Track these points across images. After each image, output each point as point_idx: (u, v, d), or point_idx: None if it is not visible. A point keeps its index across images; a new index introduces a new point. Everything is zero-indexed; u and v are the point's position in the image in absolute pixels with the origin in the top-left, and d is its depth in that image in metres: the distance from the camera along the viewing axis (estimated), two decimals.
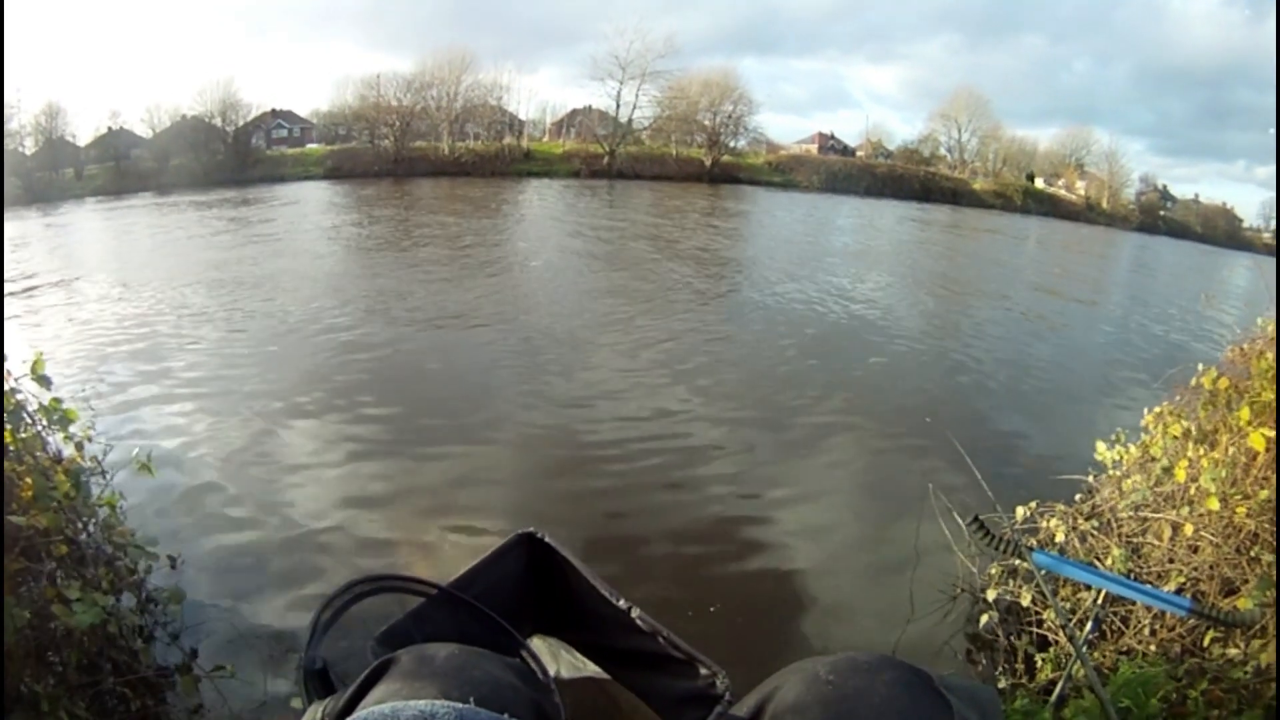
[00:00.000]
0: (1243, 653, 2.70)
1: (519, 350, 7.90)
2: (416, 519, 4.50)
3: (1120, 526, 3.51)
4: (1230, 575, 2.98)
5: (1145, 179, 39.75)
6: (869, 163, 39.39)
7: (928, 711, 0.83)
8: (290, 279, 11.13)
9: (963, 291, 14.21)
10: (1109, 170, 38.88)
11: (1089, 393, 8.24)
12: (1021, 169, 39.59)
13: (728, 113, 36.74)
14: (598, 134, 36.30)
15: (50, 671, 2.36)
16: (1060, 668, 2.93)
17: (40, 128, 27.64)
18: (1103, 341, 11.35)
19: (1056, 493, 4.07)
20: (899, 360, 8.76)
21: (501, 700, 0.82)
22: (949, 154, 40.42)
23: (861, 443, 6.11)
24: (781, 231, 21.59)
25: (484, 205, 22.54)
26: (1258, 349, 3.54)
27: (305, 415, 5.96)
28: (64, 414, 2.89)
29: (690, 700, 2.17)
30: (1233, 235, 37.41)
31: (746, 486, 5.20)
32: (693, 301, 10.87)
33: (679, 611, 3.59)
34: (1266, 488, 2.95)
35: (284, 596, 3.69)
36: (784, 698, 0.90)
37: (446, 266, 12.68)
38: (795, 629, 3.70)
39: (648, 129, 37.35)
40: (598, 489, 5.03)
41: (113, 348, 7.69)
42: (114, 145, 29.34)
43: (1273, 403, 3.04)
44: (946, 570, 3.98)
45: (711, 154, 36.22)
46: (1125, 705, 2.54)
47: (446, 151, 33.52)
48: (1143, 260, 26.17)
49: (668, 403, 6.62)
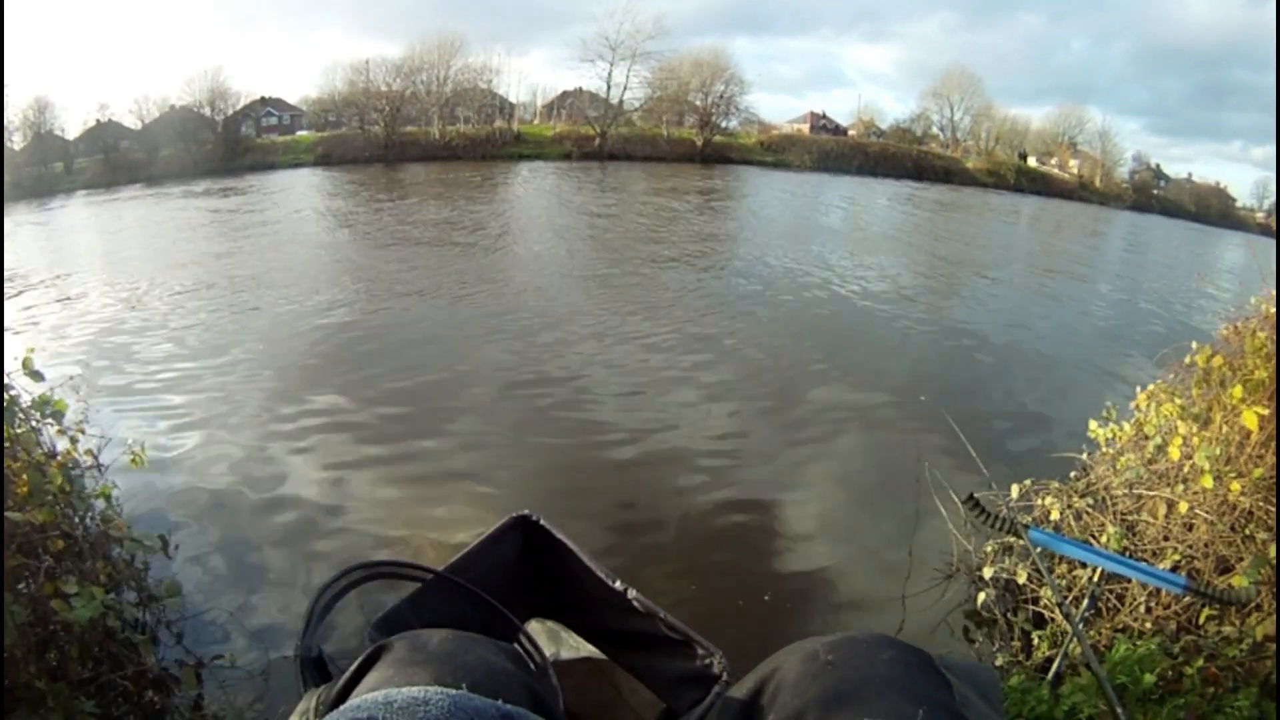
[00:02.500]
0: (1238, 630, 2.72)
1: (514, 338, 7.87)
2: (416, 507, 4.50)
3: (1115, 504, 3.53)
4: (1225, 553, 3.01)
5: (1138, 158, 39.76)
6: (861, 142, 39.25)
7: (927, 690, 0.83)
8: (281, 269, 11.07)
9: (955, 270, 14.20)
10: (1102, 149, 38.86)
11: (1083, 371, 8.26)
12: (1014, 147, 39.52)
13: (719, 93, 36.56)
14: (589, 116, 36.05)
15: (51, 668, 2.36)
16: (1057, 645, 2.95)
17: (29, 122, 27.40)
18: (1097, 319, 11.37)
19: (1051, 470, 4.10)
20: (893, 339, 8.77)
21: (495, 685, 0.82)
22: (941, 133, 40.36)
23: (857, 422, 6.11)
24: (773, 211, 21.51)
25: (475, 189, 22.42)
26: (1251, 327, 3.55)
27: (302, 407, 5.93)
28: (56, 408, 2.88)
29: (688, 681, 2.18)
30: (1226, 214, 37.49)
31: (741, 466, 5.21)
32: (686, 283, 10.83)
33: (675, 593, 3.61)
34: (1260, 465, 2.97)
35: (283, 586, 3.69)
36: (783, 678, 0.90)
37: (437, 252, 12.60)
38: (792, 609, 3.71)
39: (639, 110, 37.11)
40: (594, 472, 5.03)
41: (104, 342, 7.66)
42: (103, 138, 29.04)
43: (1265, 380, 3.05)
44: (943, 549, 4.01)
45: (703, 134, 35.99)
46: (1121, 682, 2.56)
47: (437, 136, 33.27)
48: (1136, 239, 26.17)
49: (663, 386, 6.62)
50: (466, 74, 34.73)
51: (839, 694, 0.84)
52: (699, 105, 36.55)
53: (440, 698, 0.71)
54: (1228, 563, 2.99)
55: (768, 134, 38.28)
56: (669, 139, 35.78)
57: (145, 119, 30.21)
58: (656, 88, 36.85)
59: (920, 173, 36.45)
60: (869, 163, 36.56)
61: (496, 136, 34.02)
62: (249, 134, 32.62)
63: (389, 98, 33.14)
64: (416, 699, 0.71)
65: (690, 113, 36.86)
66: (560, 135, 35.30)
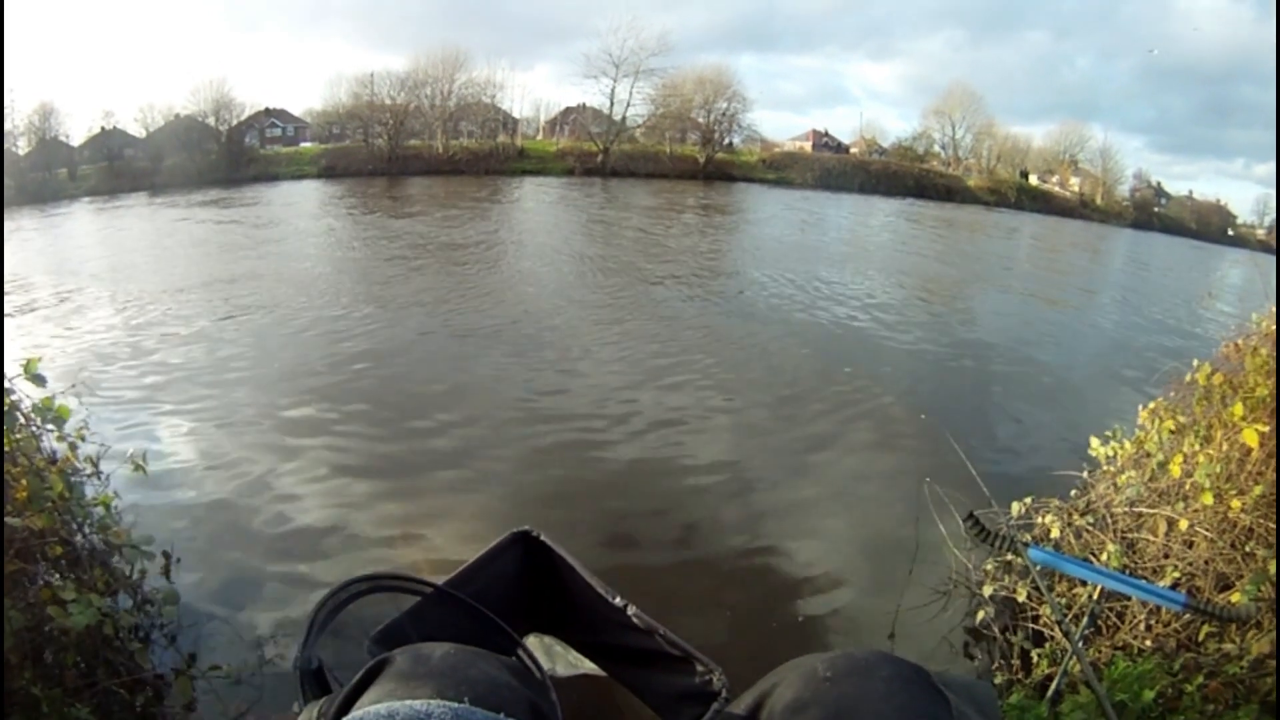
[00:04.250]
0: (1238, 647, 2.71)
1: (514, 352, 7.90)
2: (414, 520, 4.49)
3: (1115, 522, 3.52)
4: (1225, 570, 3.00)
5: (1139, 175, 39.79)
6: (863, 160, 39.30)
7: (925, 708, 0.83)
8: (282, 281, 11.10)
9: (956, 288, 14.23)
10: (1103, 166, 38.92)
11: (1084, 389, 8.26)
12: (1015, 165, 39.58)
13: (722, 110, 36.66)
14: (592, 132, 36.10)
15: (48, 674, 2.35)
16: (1056, 663, 2.94)
17: (34, 128, 27.43)
18: (1097, 338, 11.38)
19: (1052, 489, 4.10)
20: (894, 358, 8.77)
21: (497, 699, 0.82)
22: (943, 151, 40.42)
23: (856, 440, 6.10)
24: (774, 229, 21.55)
25: (477, 204, 22.46)
26: (1252, 345, 3.55)
27: (302, 418, 5.94)
28: (57, 414, 2.88)
29: (687, 697, 2.17)
30: (1226, 231, 37.48)
31: (739, 484, 5.20)
32: (684, 301, 10.87)
33: (675, 609, 3.60)
34: (1261, 483, 2.97)
35: (281, 597, 3.68)
36: (781, 695, 0.90)
37: (439, 266, 12.66)
38: (790, 626, 3.70)
39: (642, 126, 37.21)
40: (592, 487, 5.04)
41: (105, 351, 7.68)
42: (107, 145, 29.11)
43: (1266, 398, 3.05)
44: (943, 566, 4.00)
45: (705, 151, 36.07)
46: (1121, 700, 2.55)
47: (440, 150, 33.32)
48: (1137, 256, 26.21)
49: (660, 403, 6.62)
50: (470, 88, 34.86)
51: (837, 711, 0.84)
52: (701, 122, 36.66)
53: (443, 711, 0.71)
54: (1228, 580, 2.99)
55: (770, 151, 38.37)
56: (671, 156, 35.85)
57: (150, 127, 30.31)
58: (659, 104, 36.99)
59: (922, 191, 36.50)
60: (870, 180, 36.59)
61: (499, 151, 34.09)
62: (253, 145, 32.66)
63: (393, 111, 33.22)
64: (419, 712, 0.70)
65: (693, 130, 36.98)
66: (563, 151, 35.38)
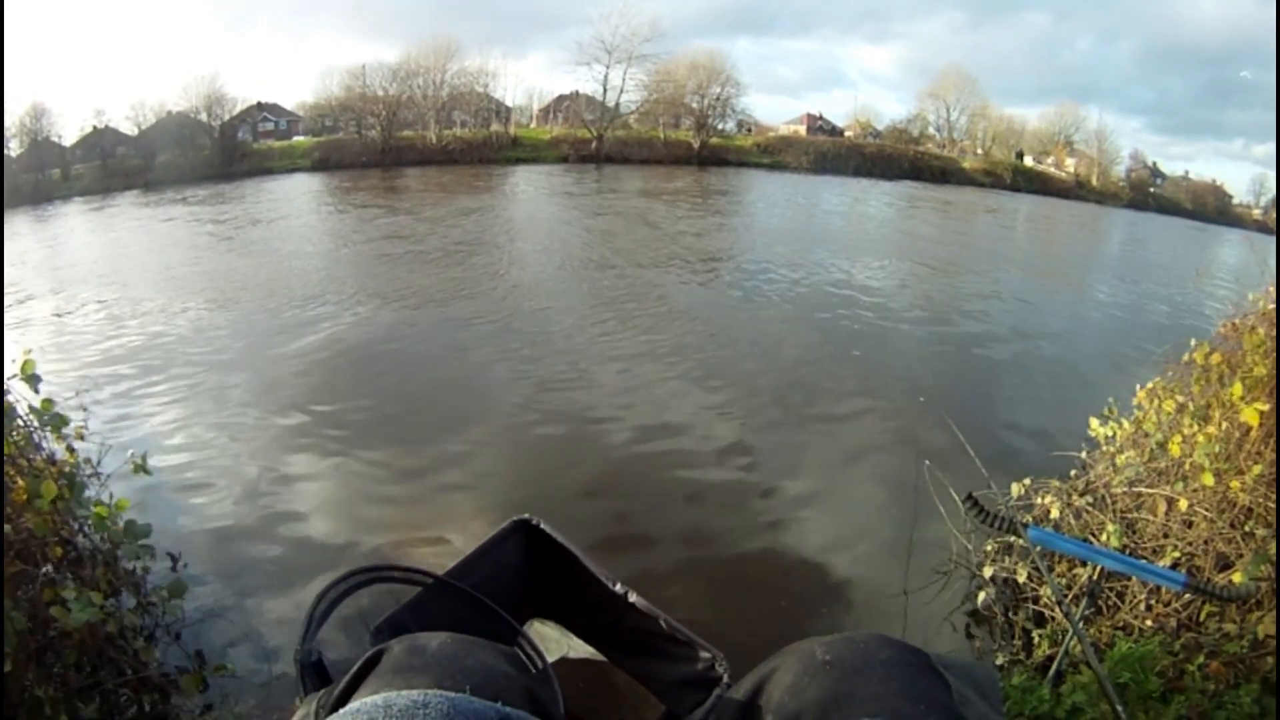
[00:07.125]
0: (1239, 627, 2.72)
1: (512, 343, 7.88)
2: (415, 515, 4.50)
3: (1115, 502, 3.53)
4: (1225, 550, 3.01)
5: (1134, 156, 39.66)
6: (858, 143, 39.11)
7: (926, 691, 0.83)
8: (277, 278, 11.04)
9: (954, 270, 14.20)
10: (1098, 147, 38.81)
11: (1082, 369, 8.25)
12: (1011, 147, 39.49)
13: (715, 95, 36.48)
14: (585, 119, 35.96)
15: (51, 674, 2.35)
16: (1057, 644, 2.95)
17: (25, 129, 27.21)
18: (1096, 317, 11.39)
19: (1051, 469, 4.10)
20: (891, 341, 8.77)
21: (495, 688, 0.82)
22: (938, 133, 40.31)
23: (855, 423, 6.11)
24: (770, 213, 21.51)
25: (471, 193, 22.36)
26: (1250, 324, 3.55)
27: (302, 415, 5.93)
28: (56, 415, 2.88)
29: (690, 683, 2.18)
30: (1222, 211, 37.37)
31: (741, 469, 5.21)
32: (681, 286, 10.86)
33: (674, 594, 3.61)
34: (1260, 462, 2.97)
35: (283, 593, 3.68)
36: (781, 679, 0.90)
37: (435, 258, 12.61)
38: (790, 609, 3.71)
39: (635, 113, 37.04)
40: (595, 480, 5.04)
41: (102, 352, 7.67)
42: (100, 144, 28.89)
43: (1265, 377, 3.05)
44: (943, 548, 4.00)
45: (699, 137, 35.93)
46: (1123, 680, 2.56)
47: (434, 140, 33.18)
48: (1133, 236, 26.19)
49: (659, 389, 6.63)
50: (463, 78, 34.65)
51: (837, 695, 0.84)
52: (695, 108, 36.49)
53: (440, 701, 0.71)
54: (1228, 559, 3.00)
55: (764, 136, 38.27)
56: (665, 141, 35.70)
57: (142, 125, 30.05)
58: (653, 90, 36.77)
59: (917, 173, 36.36)
60: (866, 164, 36.42)
61: (493, 140, 33.92)
62: (246, 139, 32.45)
63: (385, 102, 33.03)
64: (416, 702, 0.70)
65: (687, 115, 36.81)
66: (557, 139, 35.22)
